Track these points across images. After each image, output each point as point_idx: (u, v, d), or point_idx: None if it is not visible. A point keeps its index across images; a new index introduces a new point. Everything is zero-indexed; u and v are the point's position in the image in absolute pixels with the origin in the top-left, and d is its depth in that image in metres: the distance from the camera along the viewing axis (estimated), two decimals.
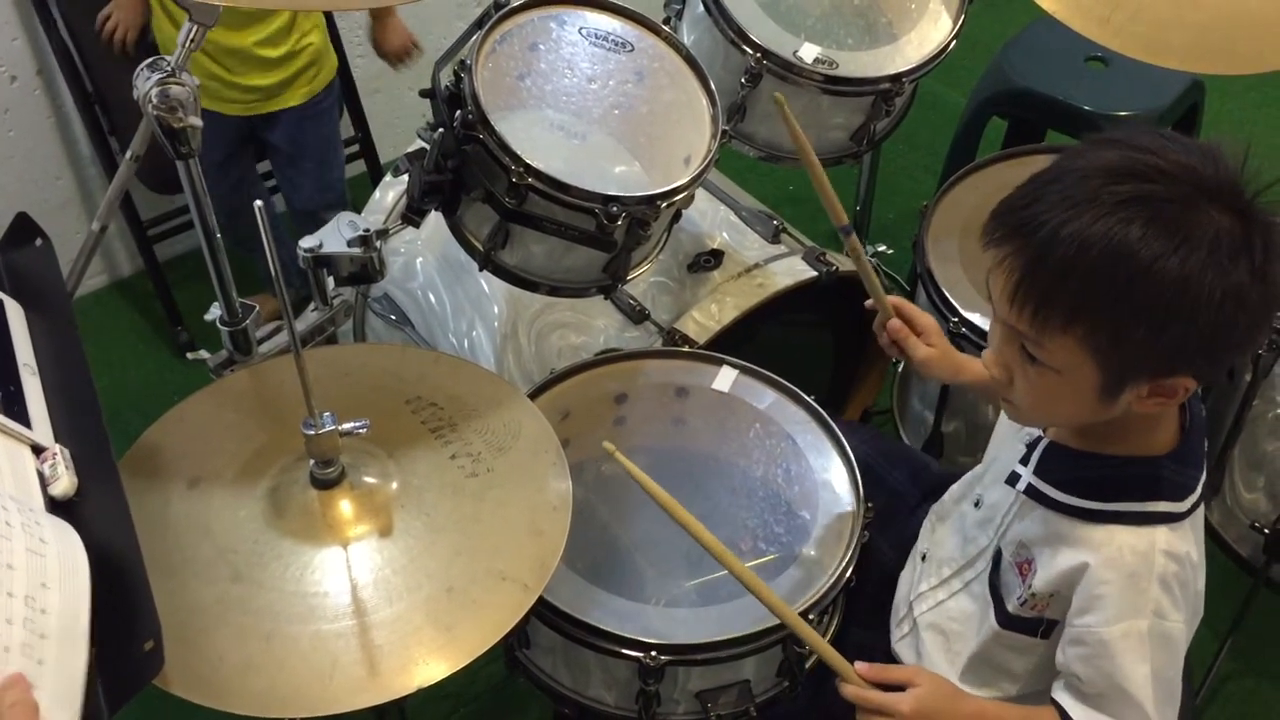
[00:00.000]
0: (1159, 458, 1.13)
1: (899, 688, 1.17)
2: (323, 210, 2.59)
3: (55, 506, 0.99)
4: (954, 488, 1.42)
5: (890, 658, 1.41)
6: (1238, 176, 0.99)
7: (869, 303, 1.47)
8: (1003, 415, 1.35)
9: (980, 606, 1.27)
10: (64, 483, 1.00)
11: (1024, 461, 1.22)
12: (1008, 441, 1.30)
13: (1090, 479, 1.15)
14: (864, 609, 1.45)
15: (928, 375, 1.48)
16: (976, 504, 1.32)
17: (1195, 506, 1.14)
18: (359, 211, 1.96)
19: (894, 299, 1.47)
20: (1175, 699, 1.13)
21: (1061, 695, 1.16)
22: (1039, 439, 1.22)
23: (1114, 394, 1.05)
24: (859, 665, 1.20)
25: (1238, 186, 0.99)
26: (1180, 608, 1.11)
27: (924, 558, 1.39)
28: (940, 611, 1.33)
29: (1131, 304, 0.97)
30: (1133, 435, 1.13)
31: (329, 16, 2.48)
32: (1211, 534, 1.84)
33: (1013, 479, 1.22)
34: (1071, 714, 1.14)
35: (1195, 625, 1.16)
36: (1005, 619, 1.22)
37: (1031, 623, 1.21)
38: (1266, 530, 1.74)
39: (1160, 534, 1.10)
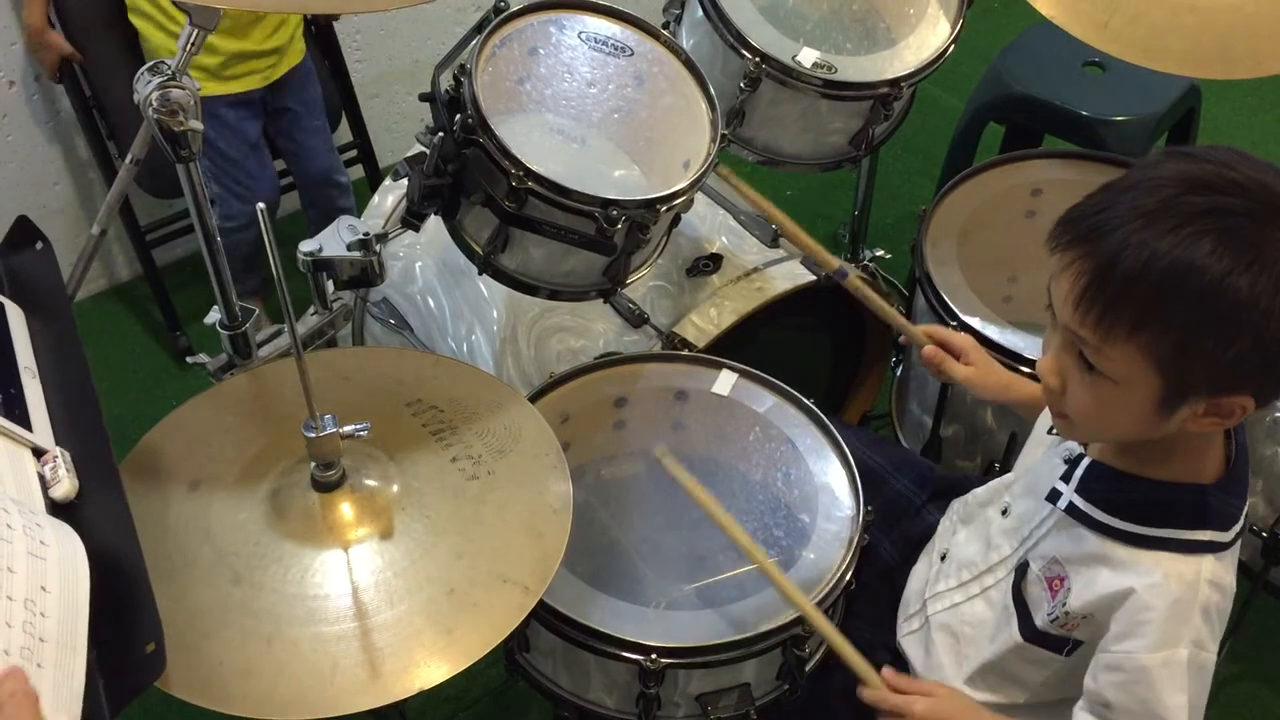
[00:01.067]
0: (1206, 486, 1.12)
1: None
2: (336, 174, 2.63)
3: (56, 509, 0.99)
4: (980, 491, 1.40)
5: (892, 654, 1.41)
6: None
7: (902, 339, 1.47)
8: (1037, 424, 1.34)
9: (998, 615, 1.26)
10: (65, 485, 1.00)
11: (1065, 479, 1.20)
12: (1044, 454, 1.28)
13: (1136, 502, 1.13)
14: (865, 610, 1.45)
15: (976, 395, 1.47)
16: (1004, 512, 1.30)
17: (1238, 537, 1.13)
18: (359, 215, 1.96)
19: (925, 327, 1.47)
20: None
21: (1092, 715, 1.14)
22: (1080, 456, 1.20)
23: (1172, 408, 1.03)
24: (886, 672, 1.22)
25: None
26: (1216, 639, 1.11)
27: (943, 557, 1.39)
28: (955, 613, 1.32)
29: (1200, 315, 0.96)
30: (1178, 459, 1.12)
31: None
32: None
33: (1053, 496, 1.20)
34: None
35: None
36: (1031, 633, 1.21)
37: (1058, 640, 1.19)
38: (1264, 534, 1.74)
39: (1207, 563, 1.09)
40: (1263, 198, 0.97)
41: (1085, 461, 1.19)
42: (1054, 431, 1.28)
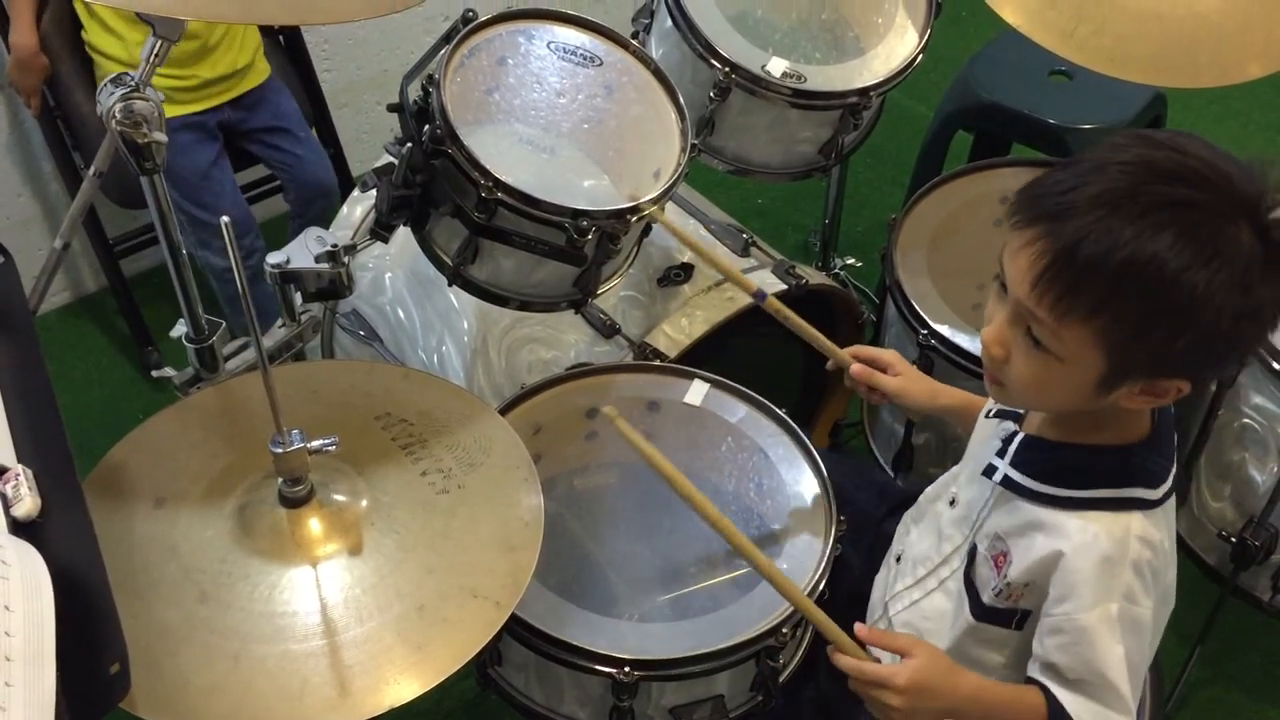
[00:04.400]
0: (1131, 445, 1.15)
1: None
2: (330, 181, 2.58)
3: (18, 528, 0.97)
4: (929, 489, 1.42)
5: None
6: (1268, 196, 1.00)
7: (830, 364, 1.50)
8: (980, 418, 1.36)
9: (955, 603, 1.27)
10: (27, 504, 0.98)
11: (1000, 455, 1.23)
12: (983, 439, 1.31)
13: (1065, 467, 1.16)
14: (834, 621, 1.45)
15: (906, 407, 1.49)
16: (952, 503, 1.32)
17: (1167, 495, 1.15)
18: (326, 226, 1.95)
19: (851, 348, 1.49)
20: (1139, 687, 1.14)
21: (1043, 677, 1.16)
22: (1014, 433, 1.23)
23: (1111, 387, 1.06)
24: (858, 626, 1.21)
25: (1265, 205, 0.99)
26: (1150, 594, 1.12)
27: (898, 559, 1.40)
28: (915, 610, 1.33)
29: (1155, 305, 0.98)
30: (1109, 427, 1.15)
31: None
32: (1179, 543, 1.85)
33: (989, 471, 1.23)
34: (1059, 698, 1.14)
35: (1165, 617, 1.17)
36: (980, 610, 1.23)
37: (1005, 614, 1.21)
38: (1233, 539, 1.75)
39: (1135, 520, 1.12)
40: (1225, 191, 0.99)
41: (1019, 437, 1.22)
42: (990, 414, 1.31)
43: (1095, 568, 1.11)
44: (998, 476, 1.21)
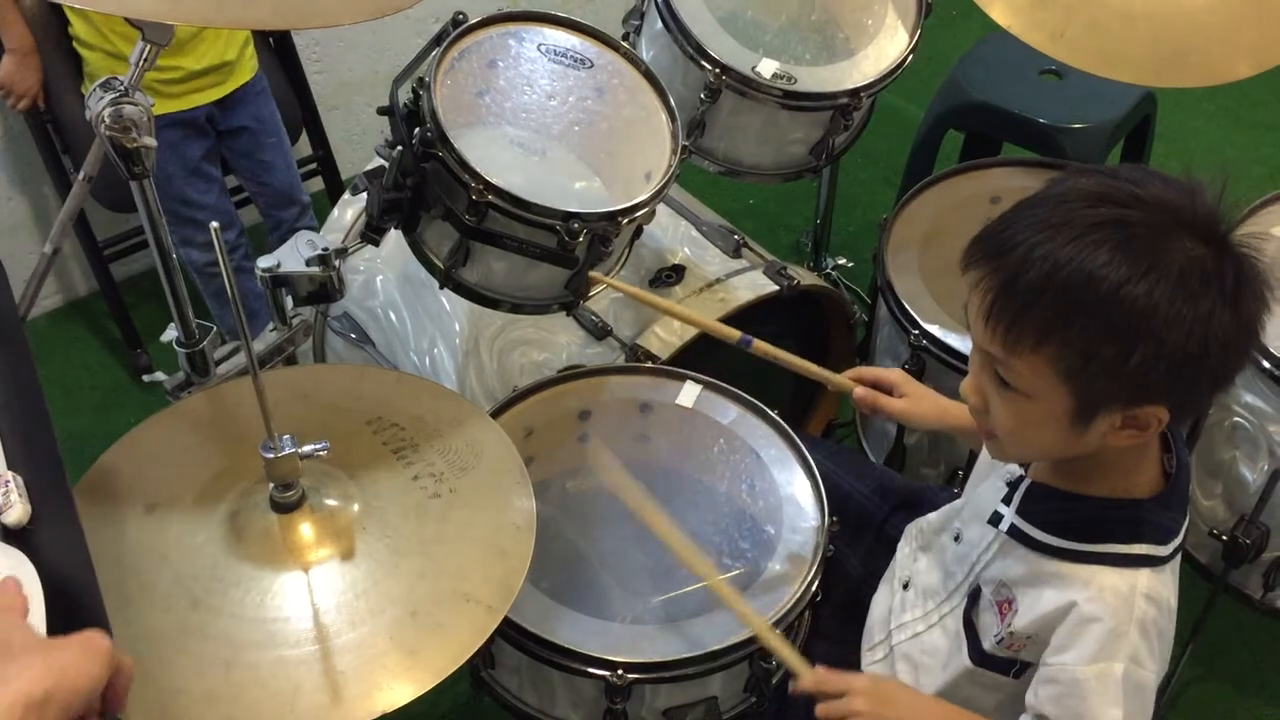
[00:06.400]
0: (1142, 500, 1.12)
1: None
2: (297, 192, 2.57)
3: (8, 535, 0.96)
4: (933, 518, 1.40)
5: (858, 669, 1.40)
6: (1216, 211, 0.99)
7: (831, 388, 1.48)
8: (983, 450, 1.35)
9: (951, 642, 1.26)
10: (17, 511, 0.97)
11: (1006, 501, 1.20)
12: (988, 479, 1.29)
13: (1074, 520, 1.14)
14: (830, 623, 1.45)
15: (914, 426, 1.47)
16: (956, 538, 1.30)
17: (1176, 551, 1.13)
18: (318, 230, 1.94)
19: (852, 370, 1.47)
20: None
21: None
22: (1020, 478, 1.21)
23: (1086, 421, 1.04)
24: (819, 667, 1.20)
25: (1214, 219, 0.99)
26: (1154, 658, 1.11)
27: (906, 585, 1.37)
28: (916, 643, 1.32)
29: (1100, 324, 0.98)
30: (1113, 474, 1.12)
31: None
32: None
33: (995, 519, 1.20)
34: None
35: (1161, 677, 1.14)
36: (980, 657, 1.21)
37: (1005, 663, 1.20)
38: (1224, 537, 1.76)
39: (1142, 577, 1.10)
40: (1161, 209, 0.99)
41: (1025, 483, 1.20)
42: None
43: (1102, 623, 1.09)
44: (1004, 525, 1.19)
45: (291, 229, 2.54)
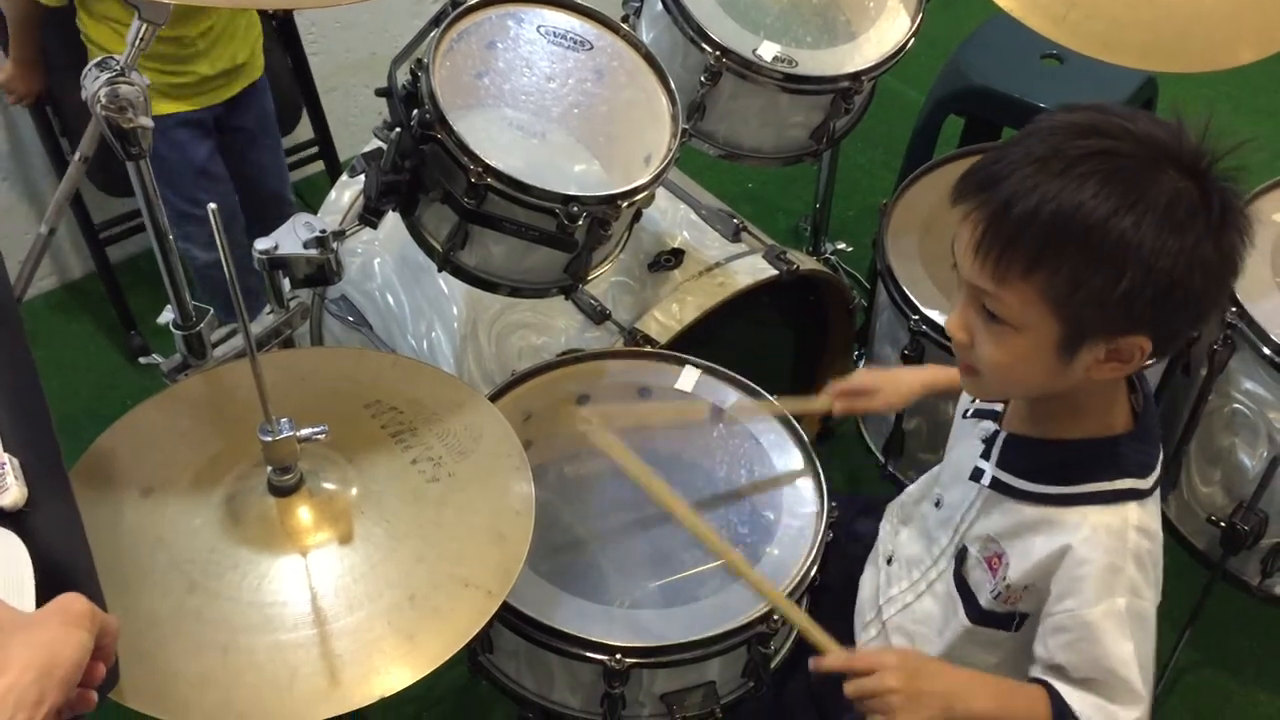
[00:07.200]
0: (1119, 436, 1.15)
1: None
2: (285, 191, 2.56)
3: (4, 518, 0.96)
4: (912, 489, 1.42)
5: None
6: (1200, 146, 1.02)
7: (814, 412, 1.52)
8: (957, 414, 1.35)
9: (944, 606, 1.27)
10: (13, 493, 0.97)
11: (985, 456, 1.22)
12: (963, 441, 1.31)
13: (1054, 464, 1.16)
14: (829, 607, 1.45)
15: (907, 406, 1.51)
16: (937, 504, 1.32)
17: (1157, 484, 1.15)
18: (315, 212, 1.93)
19: (825, 390, 1.51)
20: (1150, 680, 1.13)
21: (1046, 676, 1.15)
22: (996, 432, 1.23)
23: (1072, 351, 1.06)
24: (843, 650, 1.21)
25: (1200, 154, 1.01)
26: (1151, 586, 1.13)
27: (889, 560, 1.39)
28: (907, 614, 1.33)
29: (1088, 253, 1.00)
30: (1086, 417, 1.15)
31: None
32: (1169, 527, 1.86)
33: (976, 474, 1.22)
34: (1063, 693, 1.13)
35: (1156, 605, 1.16)
36: (978, 615, 1.22)
37: (1004, 617, 1.21)
38: (1223, 524, 1.76)
39: (1132, 510, 1.12)
40: (1148, 143, 1.01)
41: (1001, 436, 1.22)
42: (968, 414, 1.31)
43: (1099, 562, 1.10)
44: (985, 479, 1.21)
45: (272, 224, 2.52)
